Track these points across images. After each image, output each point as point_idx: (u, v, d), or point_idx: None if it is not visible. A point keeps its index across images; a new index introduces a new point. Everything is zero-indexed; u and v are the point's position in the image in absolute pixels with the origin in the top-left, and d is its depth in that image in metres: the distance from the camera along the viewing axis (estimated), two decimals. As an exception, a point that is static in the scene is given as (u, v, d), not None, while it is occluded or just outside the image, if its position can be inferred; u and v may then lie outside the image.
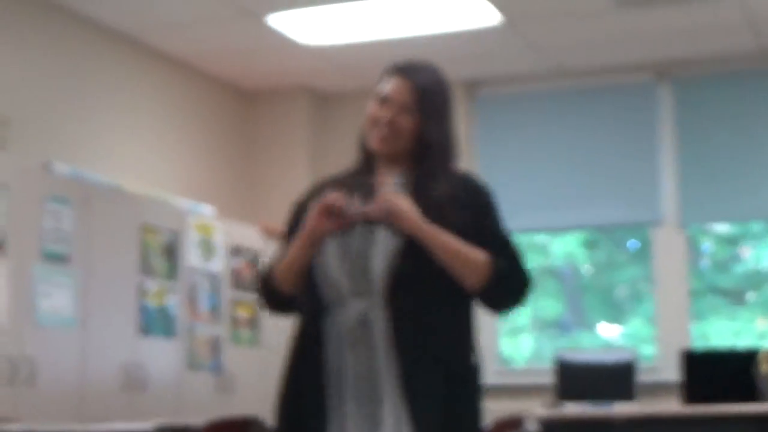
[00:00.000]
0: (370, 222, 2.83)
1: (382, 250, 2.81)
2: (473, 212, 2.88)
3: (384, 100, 2.92)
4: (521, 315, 8.20)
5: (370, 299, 2.81)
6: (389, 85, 2.93)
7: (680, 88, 7.58)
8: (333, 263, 2.85)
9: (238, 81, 7.92)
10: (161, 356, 6.11)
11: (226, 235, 6.75)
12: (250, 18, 6.63)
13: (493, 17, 6.64)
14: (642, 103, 7.62)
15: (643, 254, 7.97)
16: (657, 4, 6.47)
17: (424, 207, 2.82)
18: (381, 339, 2.80)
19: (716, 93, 7.49)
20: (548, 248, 8.28)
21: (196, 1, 6.38)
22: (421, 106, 2.90)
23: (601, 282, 8.25)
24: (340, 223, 2.83)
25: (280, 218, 3.10)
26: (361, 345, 2.81)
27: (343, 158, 3.09)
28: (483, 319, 7.63)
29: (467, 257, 2.81)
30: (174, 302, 6.26)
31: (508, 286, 2.88)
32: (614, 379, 7.19)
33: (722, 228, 7.97)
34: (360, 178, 2.97)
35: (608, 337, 8.10)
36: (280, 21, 6.71)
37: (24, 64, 6.19)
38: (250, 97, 8.11)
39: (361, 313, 2.82)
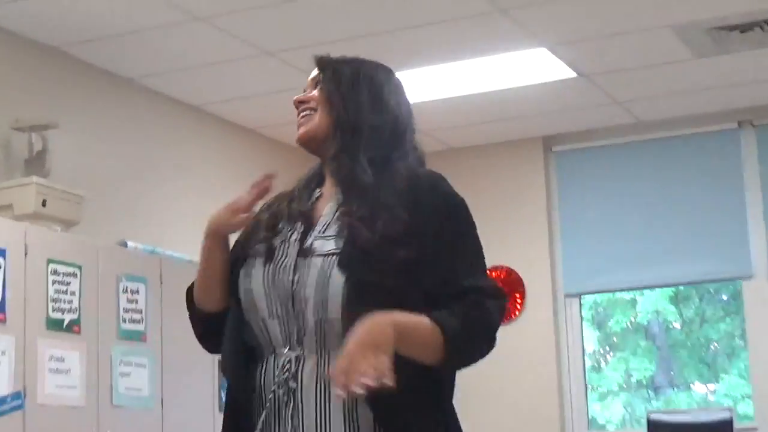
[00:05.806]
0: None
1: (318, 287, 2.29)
2: (426, 217, 2.33)
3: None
4: (612, 376, 8.00)
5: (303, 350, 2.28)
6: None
7: (764, 135, 7.37)
8: (261, 305, 2.36)
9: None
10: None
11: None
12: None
13: (567, 72, 6.54)
14: (725, 152, 7.40)
15: (735, 308, 7.73)
16: (734, 52, 6.31)
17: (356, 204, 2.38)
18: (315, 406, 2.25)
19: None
20: (635, 305, 8.07)
21: (264, 75, 6.37)
22: (327, 76, 2.49)
23: (692, 338, 8.02)
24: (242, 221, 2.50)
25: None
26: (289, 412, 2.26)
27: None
28: (570, 380, 7.41)
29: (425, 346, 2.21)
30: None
31: (471, 347, 2.27)
32: (712, 439, 6.93)
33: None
34: (305, 192, 2.61)
35: (703, 396, 7.86)
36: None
37: (96, 141, 6.18)
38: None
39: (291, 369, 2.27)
